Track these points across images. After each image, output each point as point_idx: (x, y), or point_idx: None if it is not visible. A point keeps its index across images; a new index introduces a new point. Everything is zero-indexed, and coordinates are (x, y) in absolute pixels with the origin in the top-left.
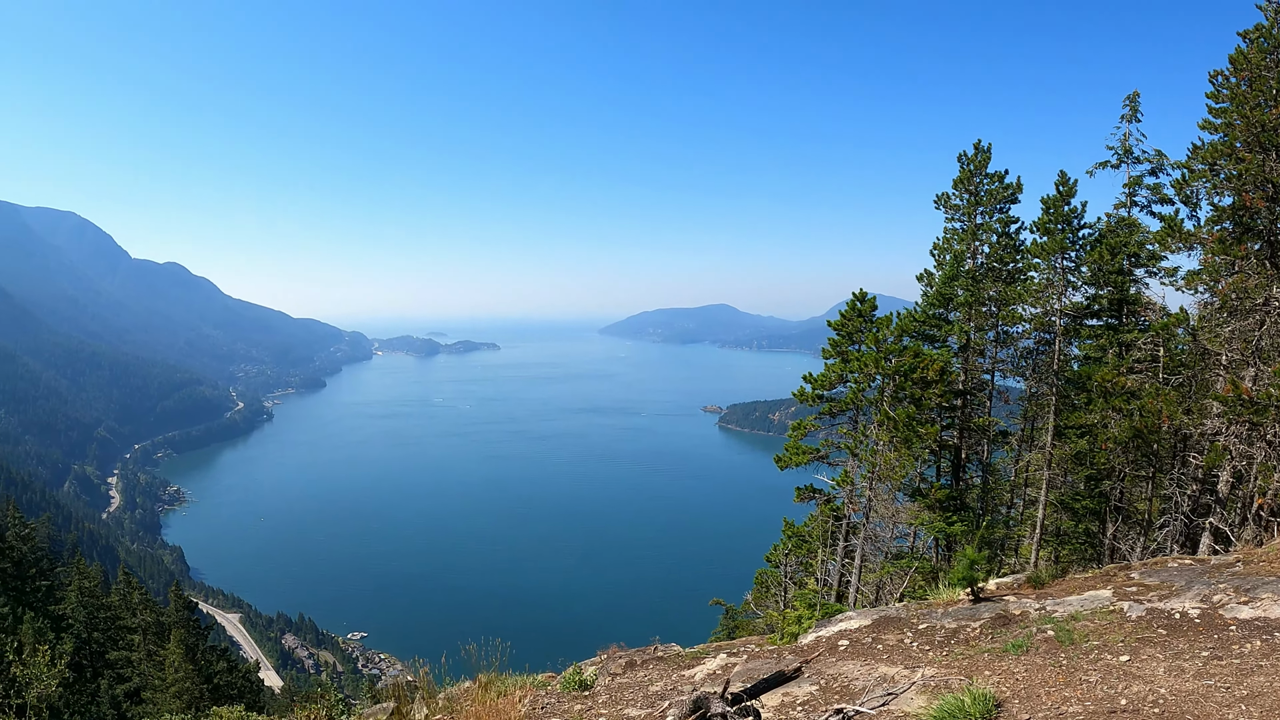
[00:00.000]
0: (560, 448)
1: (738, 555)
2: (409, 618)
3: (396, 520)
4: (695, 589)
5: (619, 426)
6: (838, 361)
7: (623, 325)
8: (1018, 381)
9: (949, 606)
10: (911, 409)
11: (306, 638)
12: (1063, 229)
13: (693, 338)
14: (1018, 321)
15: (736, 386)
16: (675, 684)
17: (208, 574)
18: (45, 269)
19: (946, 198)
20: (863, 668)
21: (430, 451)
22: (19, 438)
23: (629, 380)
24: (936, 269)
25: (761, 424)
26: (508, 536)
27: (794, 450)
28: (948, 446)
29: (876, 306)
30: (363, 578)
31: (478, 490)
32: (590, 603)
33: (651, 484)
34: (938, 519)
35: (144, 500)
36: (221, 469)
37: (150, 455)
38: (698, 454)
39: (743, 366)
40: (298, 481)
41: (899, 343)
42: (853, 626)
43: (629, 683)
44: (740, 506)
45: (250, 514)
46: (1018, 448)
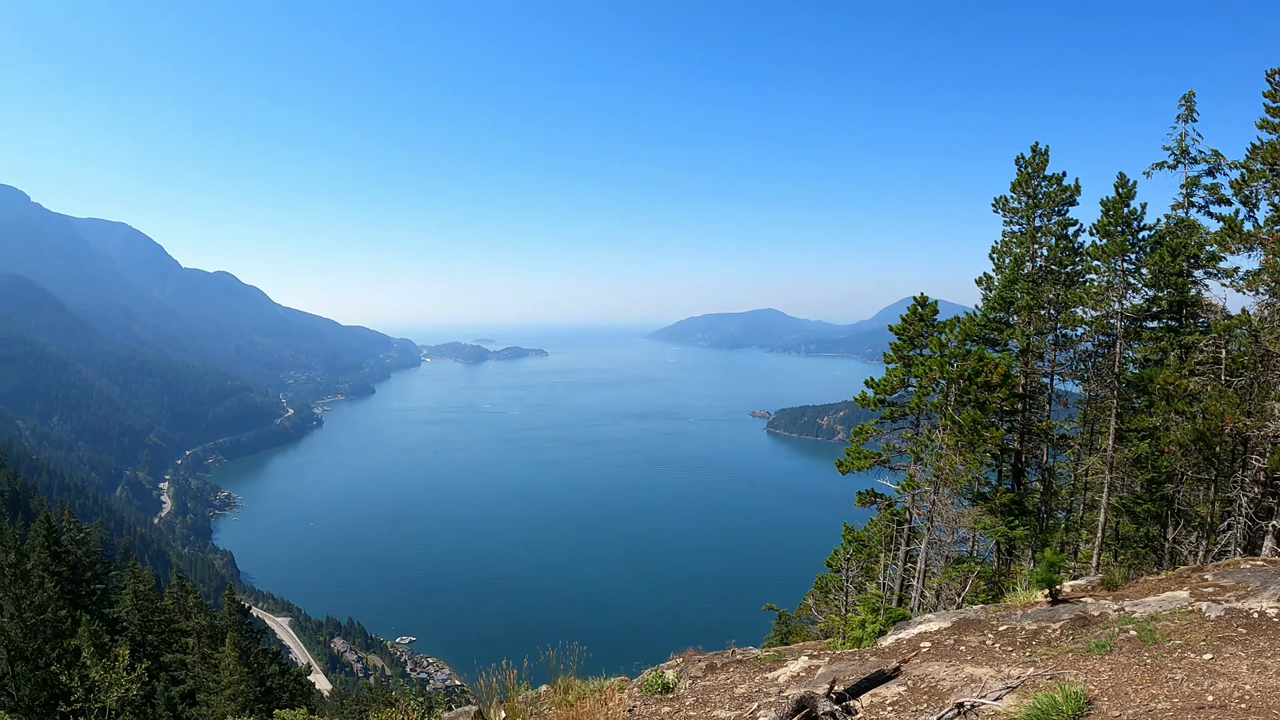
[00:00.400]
0: (608, 453)
1: (786, 560)
2: (457, 622)
3: (445, 525)
4: (744, 594)
5: (666, 432)
6: (899, 366)
7: (670, 330)
8: (1075, 385)
9: (1027, 608)
10: (976, 413)
11: (355, 641)
12: (1122, 231)
13: (740, 342)
14: (1078, 324)
15: (784, 391)
16: (759, 686)
17: (257, 578)
18: (97, 279)
19: (1005, 201)
20: (948, 668)
21: (478, 457)
22: (72, 444)
23: (676, 385)
24: (995, 272)
25: (810, 429)
26: (555, 542)
27: (855, 455)
28: (1008, 450)
29: (937, 311)
30: (411, 582)
31: (526, 496)
32: (638, 608)
33: (699, 489)
34: (999, 523)
35: (195, 505)
36: (272, 475)
37: (201, 461)
38: (745, 459)
39: (790, 371)
40: (347, 487)
41: (963, 347)
42: (933, 629)
43: (712, 685)
44: (789, 512)
45: (300, 519)
46: (1078, 451)
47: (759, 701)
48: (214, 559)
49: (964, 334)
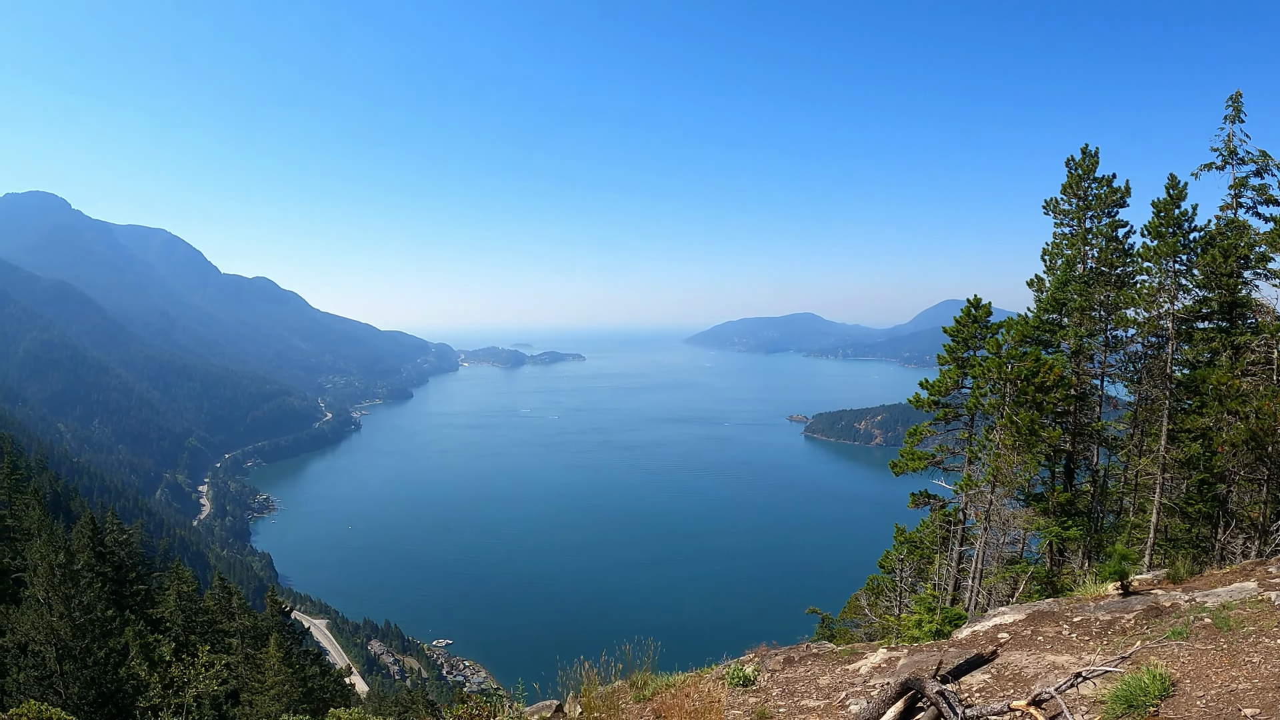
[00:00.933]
0: (646, 457)
1: (825, 564)
2: (494, 625)
3: (482, 529)
4: (782, 597)
5: (704, 436)
6: (953, 368)
7: (707, 335)
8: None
9: (1098, 601)
10: (1034, 413)
11: (392, 644)
12: (1174, 233)
13: (777, 346)
14: (1129, 326)
15: (821, 395)
16: (841, 677)
17: (295, 580)
18: (138, 285)
19: (1055, 203)
20: (1030, 657)
21: (516, 461)
22: (112, 447)
23: (714, 390)
24: (1046, 274)
25: (847, 433)
26: (593, 545)
27: (909, 456)
28: (1059, 451)
29: (991, 313)
30: (449, 585)
31: (563, 500)
32: (676, 612)
33: (736, 493)
34: (1053, 524)
35: (234, 508)
36: (310, 478)
37: (240, 464)
38: (782, 463)
39: (828, 375)
40: (385, 490)
41: (1019, 348)
42: (1008, 621)
43: (795, 677)
44: (826, 516)
45: (337, 522)
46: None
47: (846, 691)
48: (252, 561)
49: (1020, 335)
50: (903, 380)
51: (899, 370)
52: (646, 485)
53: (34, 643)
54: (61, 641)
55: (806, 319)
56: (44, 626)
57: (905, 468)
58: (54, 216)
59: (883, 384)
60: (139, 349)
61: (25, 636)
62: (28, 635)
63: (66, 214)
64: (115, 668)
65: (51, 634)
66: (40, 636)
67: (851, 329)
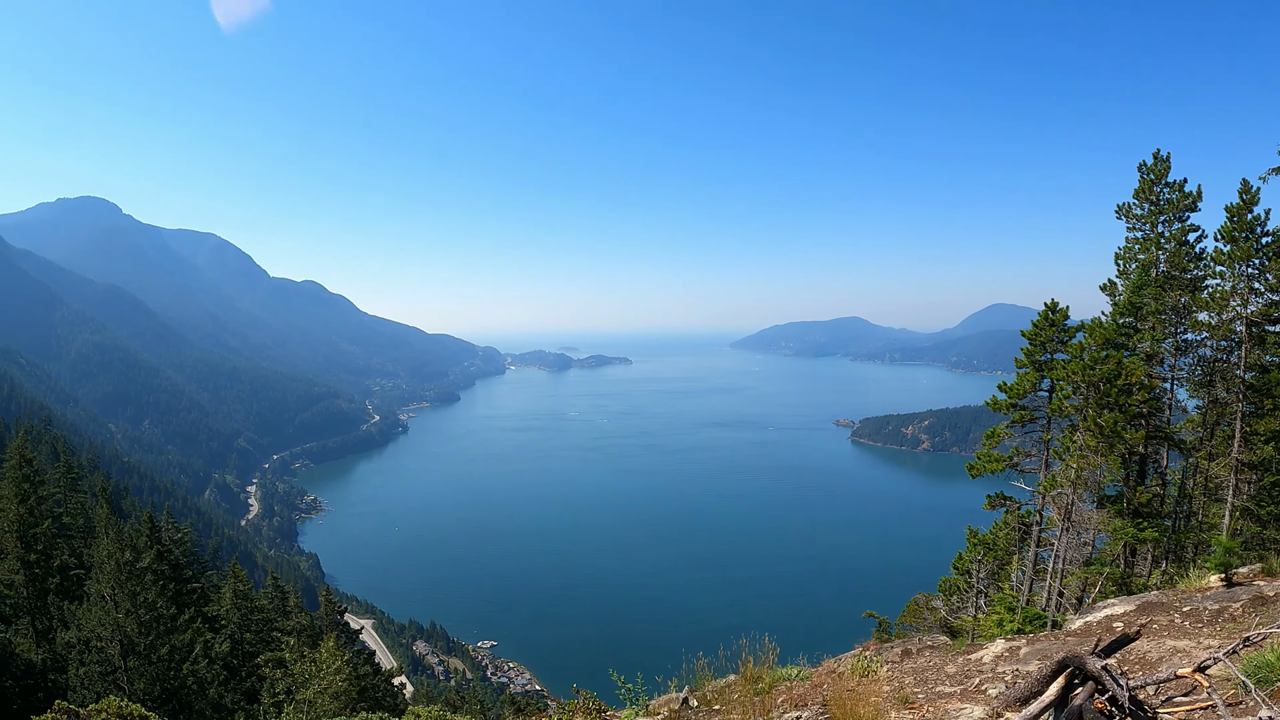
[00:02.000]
0: (691, 462)
1: (873, 569)
2: (538, 627)
3: (528, 532)
4: (830, 602)
5: (750, 440)
6: (1031, 371)
7: (754, 339)
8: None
9: (1203, 592)
10: (1117, 415)
11: (437, 645)
12: (1247, 237)
13: (824, 351)
14: (1201, 329)
15: (868, 400)
16: (966, 666)
17: (341, 581)
18: (188, 288)
19: (1128, 208)
20: (1149, 643)
21: (562, 465)
22: (162, 448)
23: (760, 394)
24: (1119, 277)
25: (894, 438)
26: (638, 549)
27: (986, 458)
28: (1133, 453)
29: (1068, 317)
30: (494, 587)
31: (609, 503)
32: (723, 616)
33: (783, 498)
34: (1128, 525)
35: (281, 508)
36: (357, 479)
37: (288, 465)
38: (830, 468)
39: (875, 379)
40: (431, 492)
41: (1101, 351)
42: (1118, 611)
43: (920, 666)
44: (873, 521)
45: (384, 523)
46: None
47: (978, 677)
48: (299, 561)
49: (1103, 339)
50: (951, 385)
51: (947, 375)
52: (692, 489)
53: (99, 639)
54: (127, 638)
55: (853, 323)
56: (110, 623)
57: (982, 469)
58: (105, 221)
59: (930, 389)
60: (189, 351)
61: (91, 633)
62: (93, 631)
63: (118, 219)
64: (179, 664)
65: (117, 630)
66: (106, 633)
67: (898, 333)
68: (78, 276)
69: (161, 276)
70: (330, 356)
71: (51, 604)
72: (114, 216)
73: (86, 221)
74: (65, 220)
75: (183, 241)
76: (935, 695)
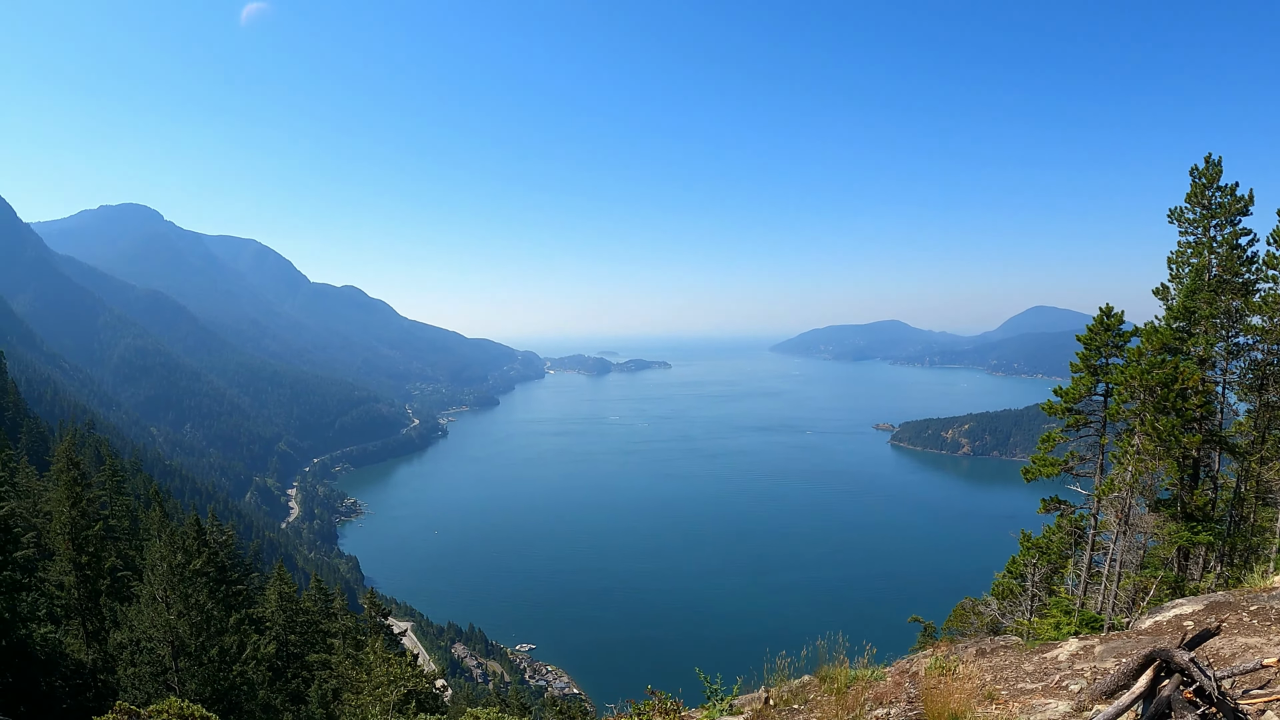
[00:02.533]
0: (731, 466)
1: (913, 573)
2: (577, 631)
3: (567, 535)
4: (870, 607)
5: (790, 444)
6: (1085, 375)
7: (793, 342)
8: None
9: (1268, 591)
10: (1175, 419)
11: (475, 647)
12: None
13: (863, 354)
14: (1254, 333)
15: (908, 404)
16: (1042, 664)
17: (381, 583)
18: (229, 293)
19: (1180, 212)
20: (1221, 640)
21: (602, 469)
22: (204, 451)
23: (800, 398)
24: (1171, 281)
25: (934, 442)
26: (678, 553)
27: (1041, 462)
28: (1187, 457)
29: (1123, 321)
30: (532, 590)
31: (649, 508)
32: (762, 621)
33: (822, 502)
34: (1182, 529)
35: (321, 511)
36: (397, 483)
37: (328, 469)
38: (869, 472)
39: (914, 383)
40: (471, 496)
41: (1158, 356)
42: (1186, 611)
43: (997, 665)
44: (914, 526)
45: (424, 526)
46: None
47: (1057, 674)
48: (339, 563)
49: (1160, 344)
50: (991, 389)
51: (987, 378)
52: (732, 493)
53: (150, 640)
54: (179, 639)
55: (893, 326)
56: (162, 624)
57: (1038, 473)
58: (147, 228)
59: (970, 392)
60: (230, 355)
61: (142, 634)
62: (145, 633)
63: (159, 225)
64: (229, 666)
65: (169, 632)
66: (158, 634)
67: (938, 336)
68: (120, 282)
69: (203, 282)
70: (370, 361)
71: (103, 605)
72: (155, 223)
73: (128, 228)
74: (108, 227)
75: (224, 247)
76: (1018, 691)
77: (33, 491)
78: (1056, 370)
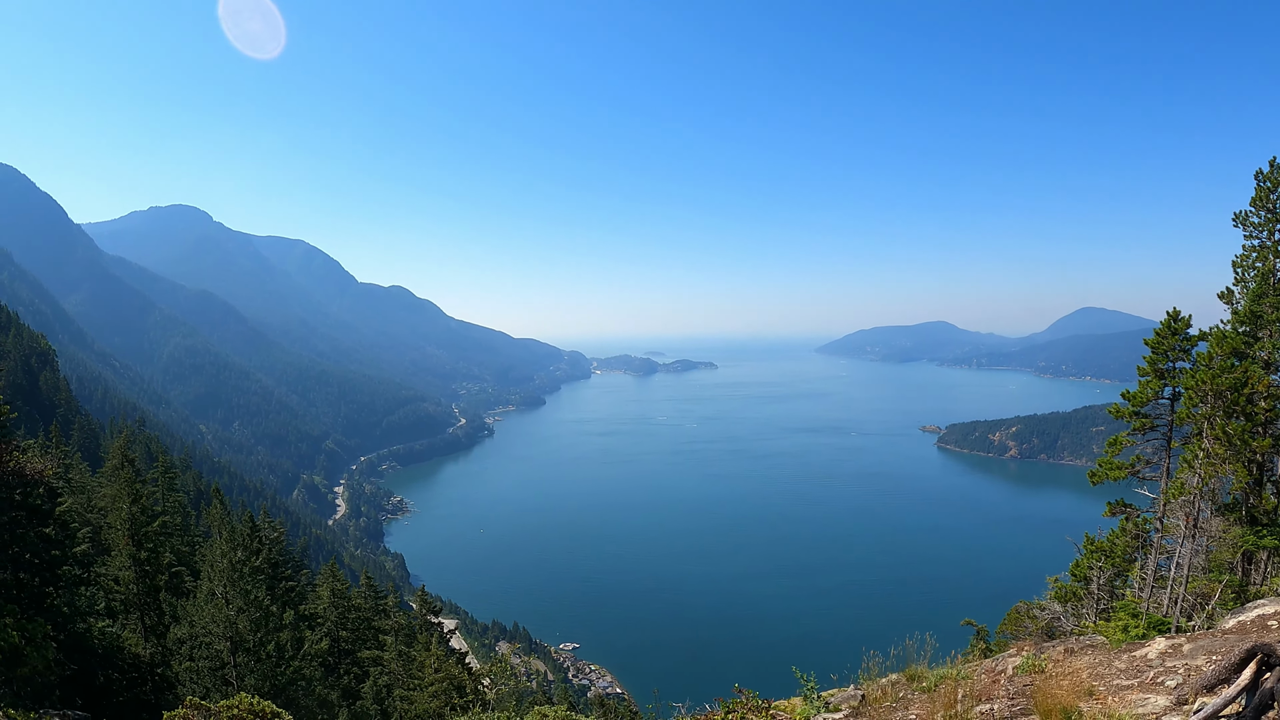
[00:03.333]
0: (777, 467)
1: (959, 578)
2: (621, 631)
3: (612, 536)
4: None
5: (836, 446)
6: (1153, 379)
7: (839, 344)
8: None
9: None
10: (1245, 423)
11: (519, 646)
12: None
13: (910, 356)
14: None
15: (955, 406)
16: (1132, 662)
17: (426, 581)
18: (278, 294)
19: (1245, 215)
20: None
21: (647, 469)
22: (252, 448)
23: (846, 399)
24: (1236, 285)
25: (981, 444)
26: (723, 554)
27: (1108, 465)
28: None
29: (1190, 325)
30: (576, 590)
31: (695, 508)
32: (807, 623)
33: (869, 505)
34: (1248, 533)
35: (368, 509)
36: (443, 482)
37: (375, 467)
38: (915, 475)
39: (961, 385)
40: (516, 495)
41: (1227, 360)
42: (1269, 610)
43: (1089, 663)
44: (960, 529)
45: (469, 525)
46: None
47: (1151, 671)
48: (385, 561)
49: (1230, 348)
50: (1039, 391)
51: (1035, 380)
52: (778, 495)
53: (209, 635)
54: (238, 634)
55: (939, 328)
56: (223, 620)
57: (1104, 476)
58: (197, 229)
59: (1018, 395)
60: (278, 355)
61: (202, 629)
62: (205, 628)
63: (208, 226)
64: (288, 661)
65: (229, 627)
66: (218, 629)
67: (985, 338)
68: (170, 282)
69: (251, 282)
70: (417, 360)
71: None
72: (205, 224)
73: (178, 229)
74: (158, 228)
75: (272, 248)
76: (1115, 688)
77: (86, 488)
78: (1105, 372)
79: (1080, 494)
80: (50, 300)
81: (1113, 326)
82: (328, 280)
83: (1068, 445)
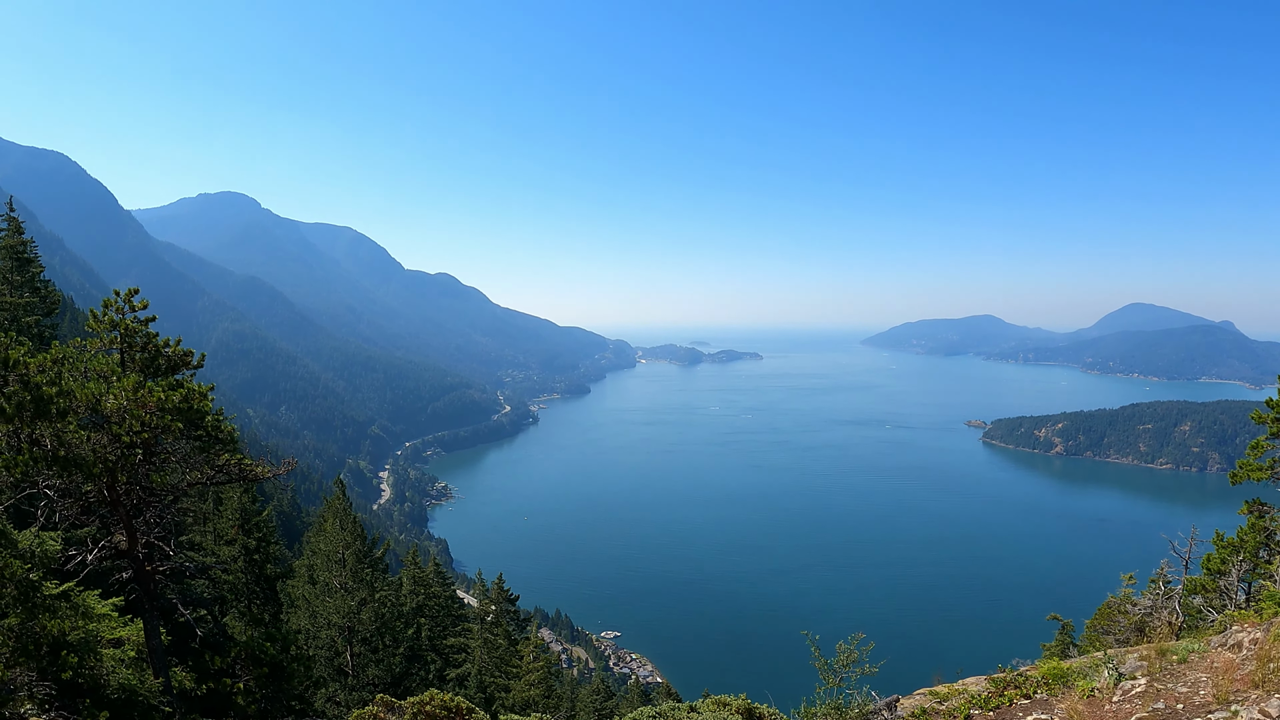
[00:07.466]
0: (821, 459)
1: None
2: (662, 621)
3: (655, 525)
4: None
5: (880, 439)
6: None
7: (885, 336)
8: None
9: None
10: None
11: (561, 633)
12: None
13: (956, 349)
14: None
15: (1001, 401)
16: None
17: (469, 567)
18: (325, 280)
19: None
20: None
21: (691, 459)
22: (299, 433)
23: (891, 393)
24: None
25: (1026, 440)
26: (766, 546)
27: (1250, 467)
28: None
29: None
30: (619, 578)
31: (738, 499)
32: (848, 617)
33: (913, 499)
34: None
35: (413, 494)
36: (487, 468)
37: (420, 453)
38: (960, 470)
39: (1008, 380)
40: (560, 483)
41: None
42: None
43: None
44: (1005, 525)
45: (513, 511)
46: None
47: None
48: (429, 546)
49: None
50: (1086, 387)
51: (1082, 376)
52: (822, 488)
53: (330, 625)
54: (363, 625)
55: (986, 321)
56: (344, 611)
57: (1245, 476)
58: (245, 215)
59: (1066, 391)
60: (325, 340)
61: (325, 620)
62: (327, 619)
63: (256, 213)
64: (403, 652)
65: (350, 617)
66: (339, 620)
67: (1032, 332)
68: (218, 268)
69: (299, 268)
70: (463, 347)
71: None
72: (253, 211)
73: (227, 215)
74: (206, 214)
75: (320, 235)
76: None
77: None
78: (1154, 369)
79: (1126, 492)
80: (101, 285)
81: (1162, 323)
82: (374, 267)
83: (1114, 443)
